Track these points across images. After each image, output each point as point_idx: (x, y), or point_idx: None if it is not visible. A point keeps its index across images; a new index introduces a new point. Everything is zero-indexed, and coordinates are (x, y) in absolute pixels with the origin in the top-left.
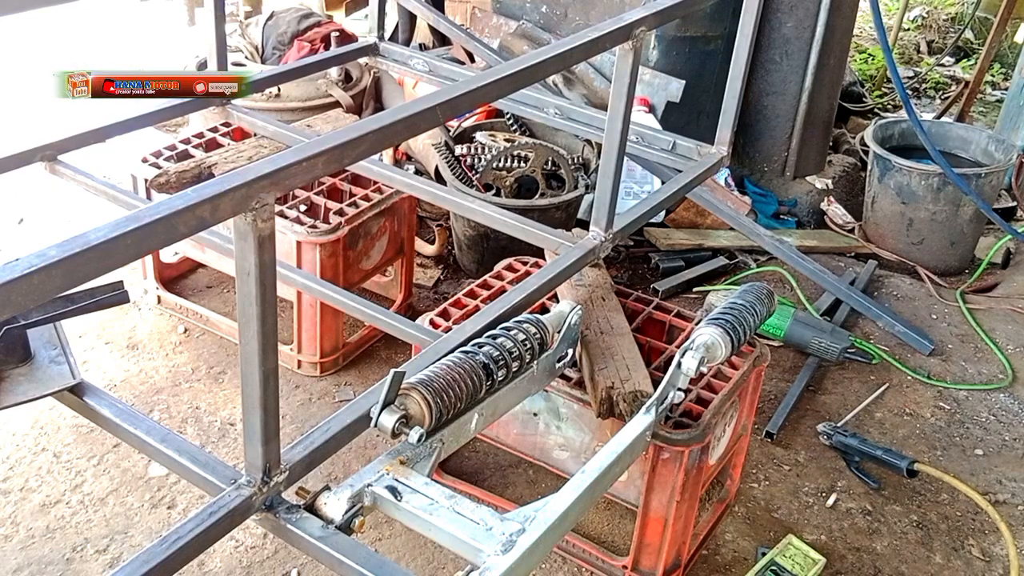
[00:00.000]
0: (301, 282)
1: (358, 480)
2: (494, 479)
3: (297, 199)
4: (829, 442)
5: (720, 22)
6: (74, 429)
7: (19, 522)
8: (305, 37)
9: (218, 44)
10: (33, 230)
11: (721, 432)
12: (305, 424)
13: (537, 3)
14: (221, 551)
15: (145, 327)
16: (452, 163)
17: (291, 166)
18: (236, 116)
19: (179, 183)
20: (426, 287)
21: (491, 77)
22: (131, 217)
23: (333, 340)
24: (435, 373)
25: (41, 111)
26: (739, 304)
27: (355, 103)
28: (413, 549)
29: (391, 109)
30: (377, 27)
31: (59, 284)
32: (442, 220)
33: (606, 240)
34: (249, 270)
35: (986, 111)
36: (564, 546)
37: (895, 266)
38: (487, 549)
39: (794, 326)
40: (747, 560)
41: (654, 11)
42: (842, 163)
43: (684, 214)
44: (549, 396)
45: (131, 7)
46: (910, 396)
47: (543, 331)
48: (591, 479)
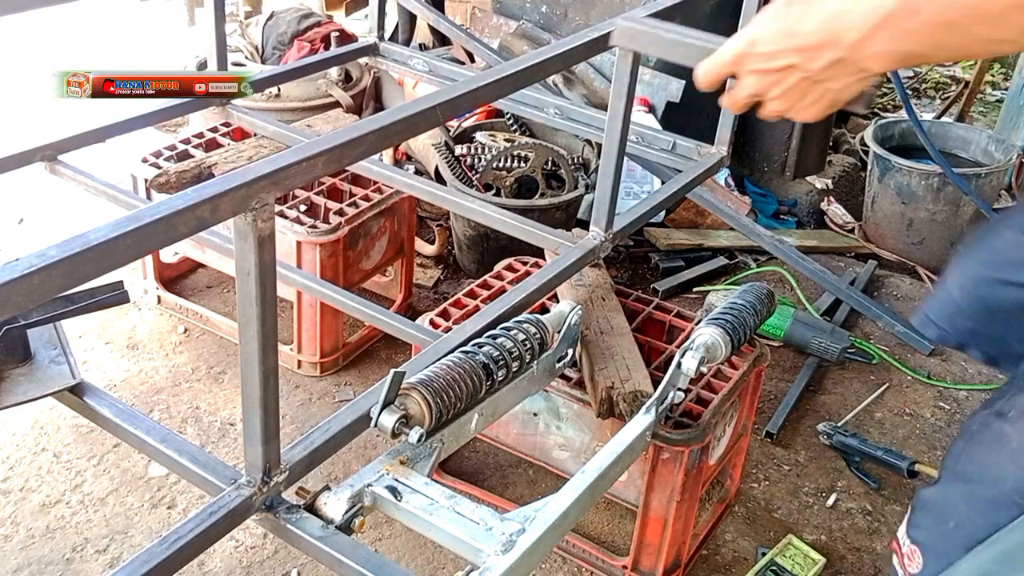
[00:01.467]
0: (301, 282)
1: (358, 480)
2: (494, 479)
3: (297, 199)
4: (829, 442)
5: (720, 22)
6: (74, 429)
7: (19, 522)
8: (305, 37)
9: (218, 44)
10: (33, 230)
11: (721, 432)
12: (305, 424)
13: (537, 3)
14: (221, 551)
15: (145, 327)
16: (452, 163)
17: (291, 166)
18: (236, 116)
19: (179, 183)
20: (426, 287)
21: (491, 77)
22: (131, 217)
23: (333, 340)
24: (435, 373)
25: (41, 111)
26: (739, 304)
27: (355, 103)
28: (413, 549)
29: (391, 109)
30: (377, 27)
31: (59, 284)
32: (442, 220)
33: (606, 240)
34: (249, 270)
35: (986, 111)
36: (564, 546)
37: (895, 266)
38: (487, 549)
39: (794, 326)
40: (747, 560)
41: (654, 11)
42: (842, 163)
43: (684, 214)
44: (549, 396)
45: (131, 7)
46: (910, 396)
47: (543, 331)
48: (591, 479)
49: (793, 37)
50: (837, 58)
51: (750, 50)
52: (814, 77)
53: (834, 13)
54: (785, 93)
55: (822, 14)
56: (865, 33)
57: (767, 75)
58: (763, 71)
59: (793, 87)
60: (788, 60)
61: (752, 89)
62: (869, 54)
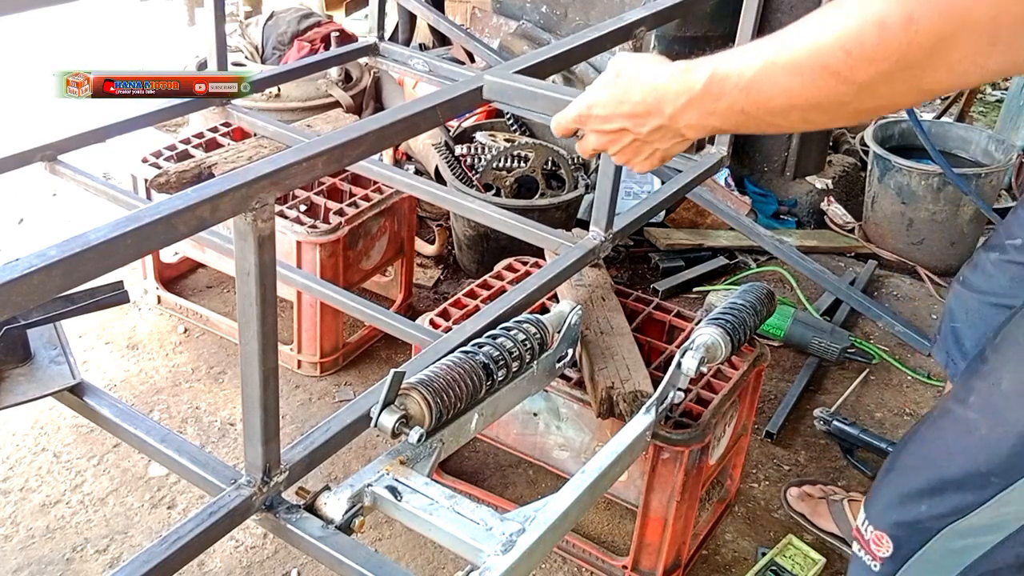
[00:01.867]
0: (301, 282)
1: (358, 480)
2: (494, 479)
3: (297, 199)
4: (827, 428)
5: (720, 22)
6: (74, 429)
7: (19, 522)
8: (305, 37)
9: (218, 44)
10: (33, 230)
11: (721, 432)
12: (305, 424)
13: (537, 3)
14: (221, 551)
15: (145, 327)
16: (452, 163)
17: (291, 166)
18: (236, 116)
19: (179, 183)
20: (426, 287)
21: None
22: (131, 217)
23: (333, 340)
24: (435, 373)
25: (41, 111)
26: (739, 304)
27: (355, 103)
28: (413, 549)
29: (391, 109)
30: (377, 27)
31: (59, 284)
32: (442, 220)
33: (606, 240)
34: (249, 270)
35: (986, 111)
36: (564, 546)
37: (895, 266)
38: (487, 549)
39: (794, 326)
40: (747, 560)
41: (654, 11)
42: (842, 163)
43: (684, 214)
44: (549, 396)
45: (131, 7)
46: (910, 396)
47: (543, 331)
48: (591, 479)
49: (623, 104)
50: (660, 124)
51: (589, 112)
52: (643, 139)
53: (655, 87)
54: (621, 150)
55: (646, 87)
56: (678, 108)
57: (604, 135)
58: (600, 131)
59: (627, 146)
60: (620, 124)
61: (594, 144)
62: (684, 124)
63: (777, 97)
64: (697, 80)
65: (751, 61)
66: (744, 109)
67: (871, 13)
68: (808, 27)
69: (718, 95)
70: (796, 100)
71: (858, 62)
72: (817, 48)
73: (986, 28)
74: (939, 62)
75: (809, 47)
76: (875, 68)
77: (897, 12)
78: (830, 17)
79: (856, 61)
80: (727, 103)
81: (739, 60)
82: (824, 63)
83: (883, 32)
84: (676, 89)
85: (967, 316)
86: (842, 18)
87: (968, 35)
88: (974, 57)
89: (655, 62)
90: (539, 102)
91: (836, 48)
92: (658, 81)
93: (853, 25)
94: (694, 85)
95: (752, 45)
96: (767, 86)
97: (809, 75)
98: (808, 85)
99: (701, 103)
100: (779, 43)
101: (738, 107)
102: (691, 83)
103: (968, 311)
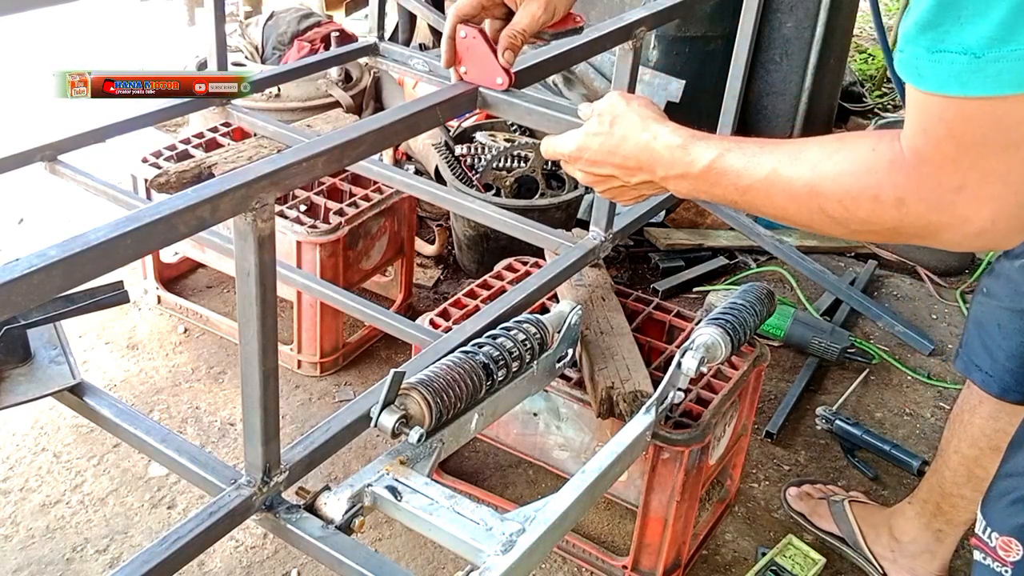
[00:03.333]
0: (301, 282)
1: (358, 480)
2: (494, 479)
3: (297, 199)
4: (828, 427)
5: (720, 22)
6: (74, 429)
7: (19, 522)
8: (305, 37)
9: (218, 44)
10: (33, 230)
11: (721, 432)
12: (305, 424)
13: None
14: (221, 551)
15: (145, 327)
16: (452, 163)
17: (291, 166)
18: (236, 116)
19: (179, 183)
20: (426, 287)
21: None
22: (131, 217)
23: (333, 340)
24: (435, 373)
25: (41, 111)
26: (739, 304)
27: (355, 103)
28: (413, 549)
29: (391, 109)
30: (377, 27)
31: (59, 284)
32: (442, 220)
33: (606, 240)
34: (249, 270)
35: None
36: (564, 546)
37: (895, 266)
38: (487, 549)
39: (794, 326)
40: (747, 560)
41: (654, 11)
42: None
43: (684, 214)
44: (549, 396)
45: (131, 7)
46: (910, 396)
47: (543, 331)
48: (591, 479)
49: (614, 156)
50: (649, 180)
51: (580, 155)
52: (629, 186)
53: (650, 150)
54: (607, 190)
55: (640, 146)
56: (671, 176)
57: (592, 175)
58: (589, 173)
59: (613, 188)
60: (610, 171)
61: (581, 180)
62: (674, 188)
63: (771, 209)
64: (694, 163)
65: (752, 170)
66: (737, 202)
67: (866, 185)
68: (813, 158)
69: (714, 183)
70: (789, 217)
71: (853, 216)
72: (817, 189)
73: (978, 228)
74: (932, 240)
75: (809, 184)
76: (867, 228)
77: (889, 193)
78: (837, 157)
79: (851, 215)
80: (721, 193)
81: (740, 161)
82: (821, 205)
83: (876, 205)
84: (670, 160)
85: (999, 328)
86: (848, 166)
87: (960, 230)
88: (971, 243)
89: (650, 116)
90: (533, 117)
91: (833, 199)
92: (653, 145)
93: (853, 186)
94: (690, 168)
95: (756, 148)
96: (762, 197)
97: (805, 207)
98: (803, 212)
99: (695, 182)
100: (783, 160)
101: (731, 199)
102: (688, 164)
103: (1000, 323)
